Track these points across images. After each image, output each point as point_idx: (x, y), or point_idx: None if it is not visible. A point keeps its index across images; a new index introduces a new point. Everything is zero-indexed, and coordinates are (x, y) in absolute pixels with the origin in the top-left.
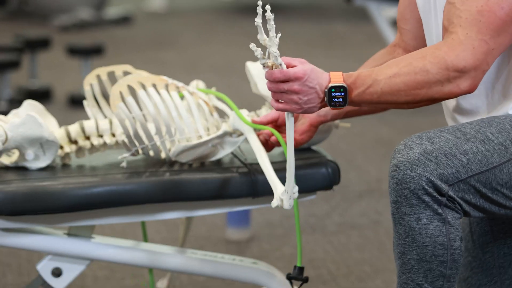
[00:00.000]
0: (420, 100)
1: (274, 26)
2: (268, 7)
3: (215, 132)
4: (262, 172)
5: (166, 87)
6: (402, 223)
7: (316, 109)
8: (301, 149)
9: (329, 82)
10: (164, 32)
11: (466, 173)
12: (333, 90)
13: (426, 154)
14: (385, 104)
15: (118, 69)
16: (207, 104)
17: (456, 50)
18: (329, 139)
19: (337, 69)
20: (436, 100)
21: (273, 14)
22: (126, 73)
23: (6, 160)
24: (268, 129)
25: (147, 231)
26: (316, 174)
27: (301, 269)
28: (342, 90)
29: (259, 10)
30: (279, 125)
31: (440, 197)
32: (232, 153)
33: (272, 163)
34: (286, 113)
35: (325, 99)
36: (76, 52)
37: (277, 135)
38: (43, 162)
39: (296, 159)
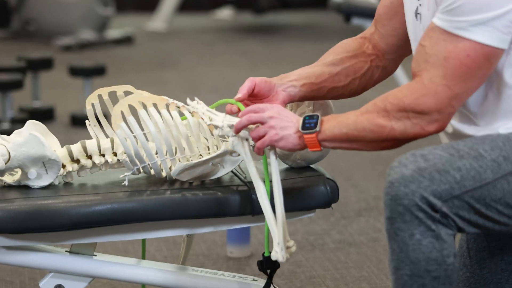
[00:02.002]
0: (385, 139)
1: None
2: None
3: (215, 151)
4: None
5: (167, 106)
6: (396, 238)
7: (292, 139)
8: (300, 168)
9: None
10: (165, 52)
11: (459, 189)
12: (307, 118)
13: (420, 170)
14: (354, 142)
15: (120, 89)
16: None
17: (416, 94)
18: (328, 157)
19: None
20: (402, 140)
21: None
22: (127, 93)
23: (9, 178)
24: (233, 103)
25: (149, 250)
26: (315, 192)
27: (268, 259)
28: (315, 117)
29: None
30: (255, 94)
31: (433, 213)
32: (232, 171)
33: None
34: (268, 151)
35: (299, 125)
36: (78, 72)
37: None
38: (45, 181)
39: (295, 177)
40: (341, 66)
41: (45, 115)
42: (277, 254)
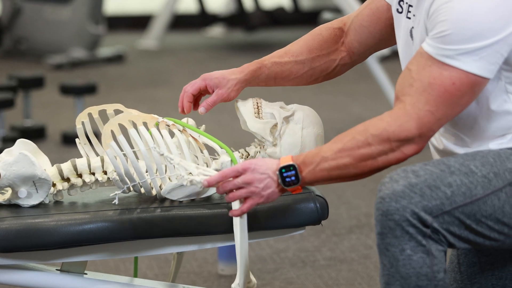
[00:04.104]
0: (369, 171)
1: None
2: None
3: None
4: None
5: (157, 125)
6: (387, 254)
7: (276, 195)
8: None
9: (279, 165)
10: (157, 70)
11: (450, 205)
12: (283, 170)
13: (411, 186)
14: (337, 179)
15: (109, 107)
16: (197, 141)
17: (399, 121)
18: None
19: (328, 105)
20: (385, 168)
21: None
22: (117, 112)
23: None
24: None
25: (140, 268)
26: (305, 209)
27: None
28: (292, 168)
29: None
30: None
31: (424, 229)
32: None
33: None
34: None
35: (279, 180)
36: (69, 91)
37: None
38: (35, 200)
39: (284, 195)
40: (310, 66)
41: (36, 134)
42: None
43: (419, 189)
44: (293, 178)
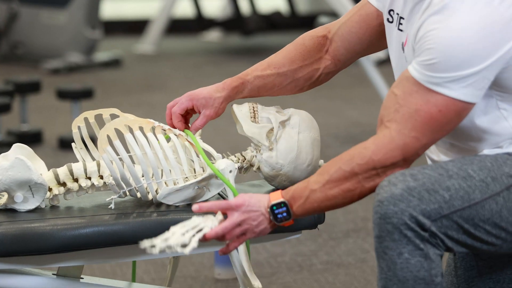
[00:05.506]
0: (358, 198)
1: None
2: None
3: (201, 174)
4: None
5: (153, 129)
6: (385, 257)
7: (268, 230)
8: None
9: (270, 201)
10: (153, 74)
11: (448, 209)
12: (274, 208)
13: (409, 190)
14: (328, 209)
15: (106, 112)
16: (193, 145)
17: (384, 149)
18: None
19: (324, 110)
20: (373, 191)
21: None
22: (113, 116)
23: None
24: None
25: (136, 272)
26: None
27: None
28: (283, 205)
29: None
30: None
31: (422, 232)
32: (218, 193)
33: None
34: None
35: (271, 217)
36: (66, 95)
37: (194, 139)
38: (32, 204)
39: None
40: (293, 77)
41: (33, 138)
42: None
43: (418, 192)
44: (284, 214)
